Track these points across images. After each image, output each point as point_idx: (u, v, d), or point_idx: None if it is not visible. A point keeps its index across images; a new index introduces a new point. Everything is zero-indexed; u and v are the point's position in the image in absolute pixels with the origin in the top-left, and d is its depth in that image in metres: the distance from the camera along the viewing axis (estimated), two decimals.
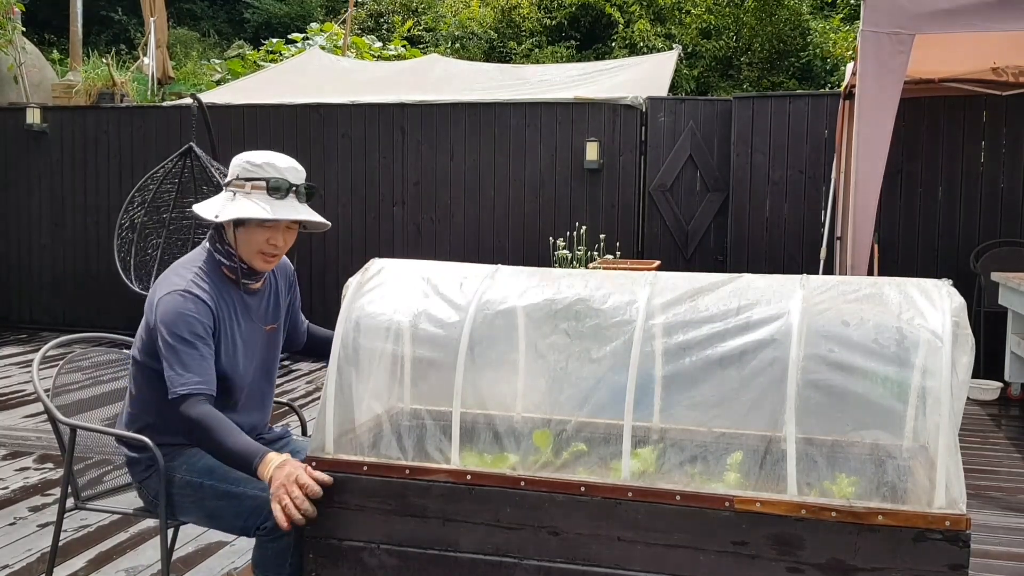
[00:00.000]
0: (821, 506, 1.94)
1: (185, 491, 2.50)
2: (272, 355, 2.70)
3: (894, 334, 2.05)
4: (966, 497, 1.88)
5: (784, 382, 2.03)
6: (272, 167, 2.49)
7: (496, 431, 2.28)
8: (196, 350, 2.39)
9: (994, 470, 4.86)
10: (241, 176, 2.50)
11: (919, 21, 4.50)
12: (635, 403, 2.16)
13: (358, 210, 8.29)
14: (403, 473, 2.18)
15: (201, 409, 2.33)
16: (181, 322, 2.40)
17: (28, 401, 6.12)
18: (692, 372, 2.17)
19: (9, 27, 9.85)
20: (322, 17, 16.84)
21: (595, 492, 2.06)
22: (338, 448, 2.21)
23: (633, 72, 9.31)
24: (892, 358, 2.03)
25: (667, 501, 2.02)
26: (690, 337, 2.19)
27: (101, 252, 8.62)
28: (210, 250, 2.57)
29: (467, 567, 2.06)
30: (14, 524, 3.91)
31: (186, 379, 2.35)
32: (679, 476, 2.42)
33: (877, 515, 1.90)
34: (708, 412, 2.16)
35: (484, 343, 2.28)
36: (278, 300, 2.72)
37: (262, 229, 2.49)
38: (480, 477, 2.13)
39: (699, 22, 13.63)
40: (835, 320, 2.11)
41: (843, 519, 1.92)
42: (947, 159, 7.13)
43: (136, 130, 8.71)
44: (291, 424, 2.94)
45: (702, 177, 7.64)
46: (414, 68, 10.29)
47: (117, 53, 12.26)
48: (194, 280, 2.49)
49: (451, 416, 2.23)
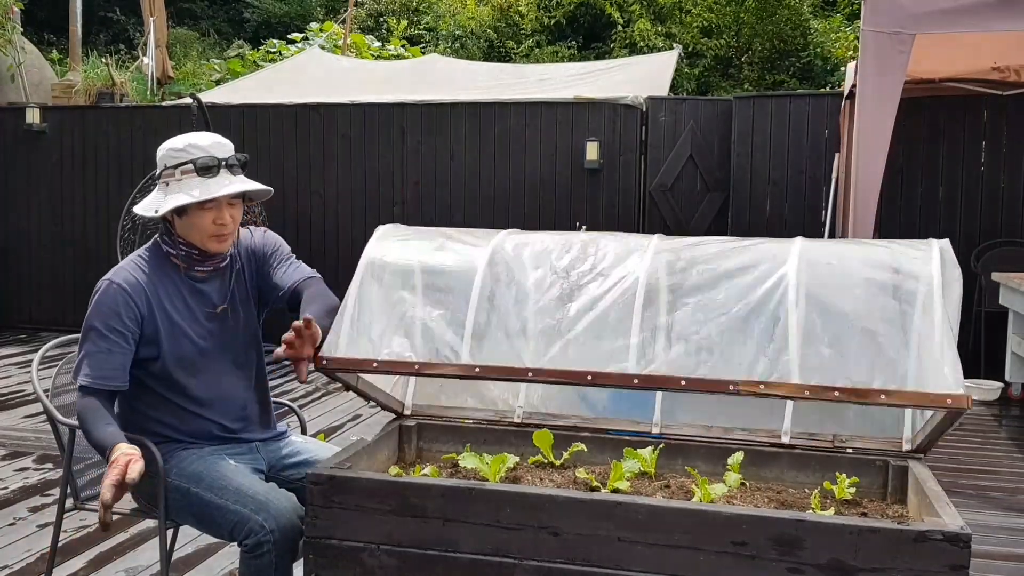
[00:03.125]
0: (824, 387, 1.98)
1: (174, 495, 2.49)
2: (235, 340, 2.59)
3: (886, 256, 2.18)
4: (963, 382, 1.94)
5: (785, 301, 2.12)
6: (195, 147, 2.44)
7: (507, 331, 2.29)
8: (105, 342, 2.40)
9: (995, 470, 4.86)
10: (168, 165, 2.45)
11: (919, 21, 4.50)
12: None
13: (358, 210, 8.29)
14: (413, 368, 2.21)
15: (83, 401, 2.39)
16: (97, 312, 2.43)
17: (27, 401, 6.11)
18: (698, 284, 2.23)
19: (8, 27, 9.84)
20: (322, 17, 16.83)
21: (602, 380, 2.10)
22: (350, 348, 2.22)
23: (633, 72, 9.31)
24: (886, 268, 2.15)
25: (672, 387, 2.07)
26: (696, 255, 2.30)
27: (101, 252, 8.62)
28: (157, 240, 2.56)
29: (467, 567, 2.06)
30: (14, 524, 3.91)
31: (82, 370, 2.41)
32: (679, 476, 2.42)
33: (880, 394, 1.94)
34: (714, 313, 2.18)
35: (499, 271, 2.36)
36: (238, 281, 2.62)
37: (204, 211, 2.44)
38: (489, 370, 2.18)
39: (699, 21, 13.62)
40: (831, 255, 2.25)
41: (846, 398, 1.97)
42: (947, 159, 7.13)
43: (136, 130, 8.71)
44: (291, 424, 2.93)
45: (702, 177, 7.64)
46: (414, 68, 10.29)
47: (117, 53, 12.26)
48: (128, 268, 2.48)
49: (462, 323, 2.26)
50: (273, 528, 2.29)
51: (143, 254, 2.55)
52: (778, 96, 7.88)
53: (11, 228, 9.01)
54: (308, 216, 8.39)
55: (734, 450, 2.40)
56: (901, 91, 4.64)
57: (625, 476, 2.27)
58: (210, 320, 2.56)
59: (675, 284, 2.24)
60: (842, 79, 10.93)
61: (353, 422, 5.76)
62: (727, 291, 2.19)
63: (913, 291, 2.09)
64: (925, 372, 1.98)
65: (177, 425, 2.53)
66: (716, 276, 2.22)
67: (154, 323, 2.46)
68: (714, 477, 2.35)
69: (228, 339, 2.59)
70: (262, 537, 2.29)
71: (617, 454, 2.46)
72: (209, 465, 2.47)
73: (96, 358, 2.40)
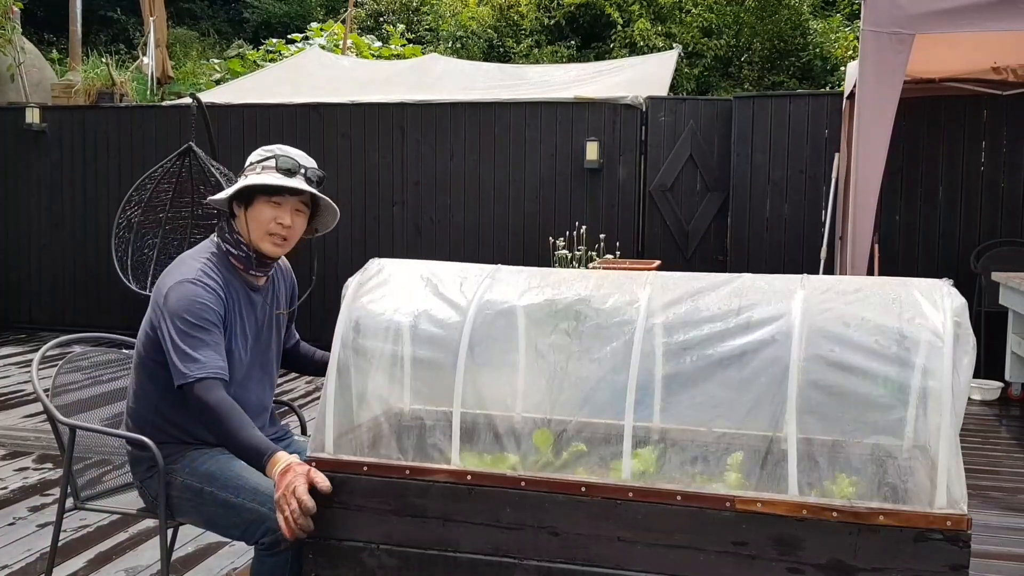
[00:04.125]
0: (822, 506, 1.94)
1: (185, 494, 2.49)
2: (267, 351, 2.67)
3: (895, 335, 2.04)
4: (967, 497, 1.88)
5: (784, 382, 2.03)
6: (282, 150, 2.54)
7: (496, 431, 2.28)
8: (209, 336, 2.38)
9: (995, 470, 4.86)
10: (252, 161, 2.54)
11: (919, 21, 4.50)
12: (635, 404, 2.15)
13: (358, 210, 8.29)
14: (403, 473, 2.17)
15: (217, 395, 2.31)
16: (194, 309, 2.39)
17: (27, 401, 6.11)
18: (693, 372, 2.17)
19: (8, 27, 9.84)
20: (322, 17, 16.83)
21: (595, 492, 2.05)
22: (338, 449, 2.21)
23: (633, 72, 9.31)
24: (893, 358, 2.03)
25: (668, 501, 2.02)
26: (691, 337, 2.19)
27: (100, 252, 8.61)
28: (218, 241, 2.58)
29: (467, 567, 2.06)
30: (13, 524, 3.91)
31: (201, 363, 2.33)
32: (679, 476, 2.42)
33: (878, 515, 1.90)
34: (709, 412, 2.16)
35: (484, 343, 2.28)
36: (279, 299, 2.72)
37: (270, 207, 2.50)
38: (480, 477, 2.13)
39: (699, 21, 13.62)
40: (836, 321, 2.11)
41: (844, 519, 1.92)
42: (947, 159, 7.13)
43: (135, 130, 8.71)
44: (291, 424, 2.93)
45: (702, 177, 7.64)
46: (414, 68, 10.29)
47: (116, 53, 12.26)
48: (203, 269, 2.48)
49: (451, 416, 2.22)
50: None
51: (207, 255, 2.54)
52: (778, 96, 7.87)
53: (11, 228, 9.01)
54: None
55: (734, 450, 2.39)
56: (901, 91, 4.64)
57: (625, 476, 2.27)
58: (255, 332, 2.60)
59: (670, 374, 2.19)
60: (842, 79, 10.93)
61: None
62: (724, 384, 2.13)
63: (923, 389, 1.99)
64: (925, 487, 1.94)
65: (199, 431, 2.53)
66: (711, 365, 2.15)
67: (226, 327, 2.48)
68: (714, 477, 2.35)
69: (262, 350, 2.64)
70: (280, 535, 2.29)
71: (617, 454, 2.46)
72: (222, 465, 2.48)
73: (213, 350, 2.37)
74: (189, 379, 2.32)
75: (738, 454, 2.37)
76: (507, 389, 2.37)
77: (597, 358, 2.25)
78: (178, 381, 2.34)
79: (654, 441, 2.49)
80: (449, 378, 2.23)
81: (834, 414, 2.08)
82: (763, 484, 2.40)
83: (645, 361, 2.16)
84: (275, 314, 2.68)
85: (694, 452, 2.48)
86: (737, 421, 2.14)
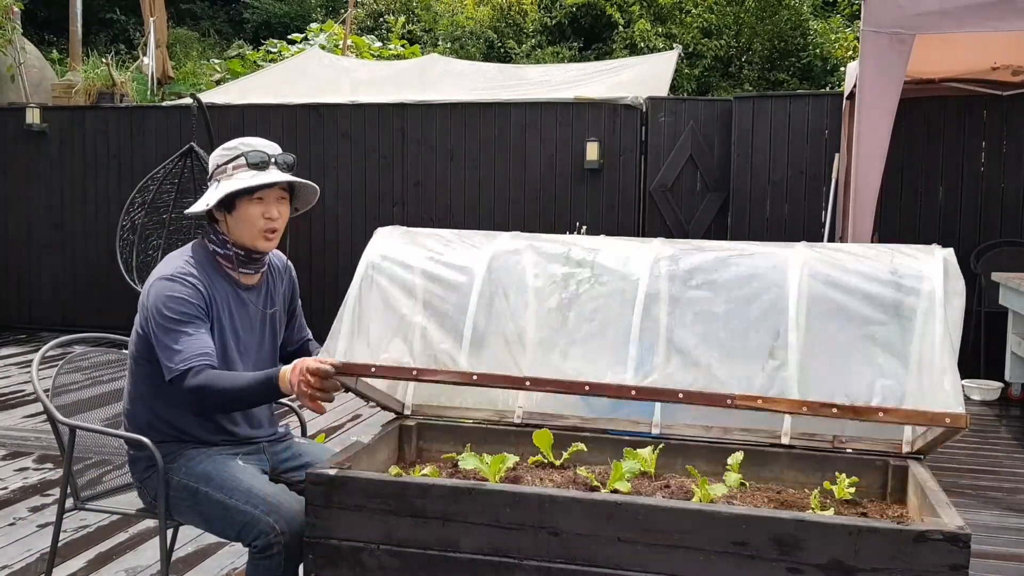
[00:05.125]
0: (822, 403, 1.99)
1: (182, 494, 2.49)
2: (261, 350, 2.65)
3: (888, 265, 2.19)
4: (964, 404, 1.94)
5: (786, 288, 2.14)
6: (245, 144, 2.51)
7: (506, 339, 2.29)
8: (190, 327, 2.38)
9: (995, 470, 4.86)
10: (219, 164, 2.51)
11: (919, 21, 4.50)
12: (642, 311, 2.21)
13: (358, 210, 8.29)
14: (411, 374, 2.21)
15: (202, 376, 2.31)
16: (172, 303, 2.40)
17: (27, 401, 6.11)
18: (696, 294, 2.24)
19: (8, 27, 9.84)
20: (322, 17, 16.82)
21: (599, 390, 2.11)
22: (348, 353, 2.23)
23: (633, 72, 9.31)
24: (887, 282, 2.16)
25: (670, 399, 2.09)
26: (695, 265, 2.29)
27: (100, 252, 8.62)
28: (203, 242, 2.57)
29: (467, 567, 2.06)
30: (13, 524, 3.91)
31: (183, 355, 2.34)
32: (679, 476, 2.42)
33: (877, 412, 1.95)
34: (713, 324, 2.17)
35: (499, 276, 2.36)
36: (274, 298, 2.69)
37: (254, 204, 2.49)
38: (486, 378, 2.18)
39: (699, 22, 13.63)
40: (834, 259, 2.25)
41: (844, 415, 1.97)
42: (947, 159, 7.13)
43: (136, 130, 8.71)
44: (291, 424, 2.93)
45: (702, 177, 7.64)
46: (414, 68, 10.28)
47: (117, 53, 12.25)
48: (183, 266, 2.48)
49: (460, 329, 2.25)
50: (284, 530, 2.31)
51: (188, 254, 2.54)
52: (778, 96, 7.88)
53: (11, 228, 9.01)
54: (308, 216, 8.37)
55: (734, 450, 2.40)
56: (901, 91, 4.64)
57: (625, 476, 2.27)
58: (248, 331, 2.59)
59: (675, 294, 2.24)
60: (842, 79, 10.93)
61: (353, 422, 5.76)
62: (727, 304, 2.19)
63: (914, 307, 2.08)
64: (924, 390, 1.98)
65: (194, 428, 2.53)
66: (716, 287, 2.22)
67: (211, 324, 2.48)
68: (714, 477, 2.35)
69: (256, 349, 2.63)
70: (273, 538, 2.30)
71: (617, 454, 2.46)
72: (219, 465, 2.48)
73: (193, 341, 2.36)
74: (175, 372, 2.33)
75: (738, 454, 2.38)
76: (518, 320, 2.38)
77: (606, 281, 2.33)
78: (167, 376, 2.36)
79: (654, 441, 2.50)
80: (464, 301, 2.30)
81: (831, 329, 2.15)
82: (761, 480, 2.40)
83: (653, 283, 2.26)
84: (270, 312, 2.67)
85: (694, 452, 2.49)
86: (740, 334, 2.16)
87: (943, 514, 1.94)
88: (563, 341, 2.24)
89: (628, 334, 2.19)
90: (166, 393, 2.46)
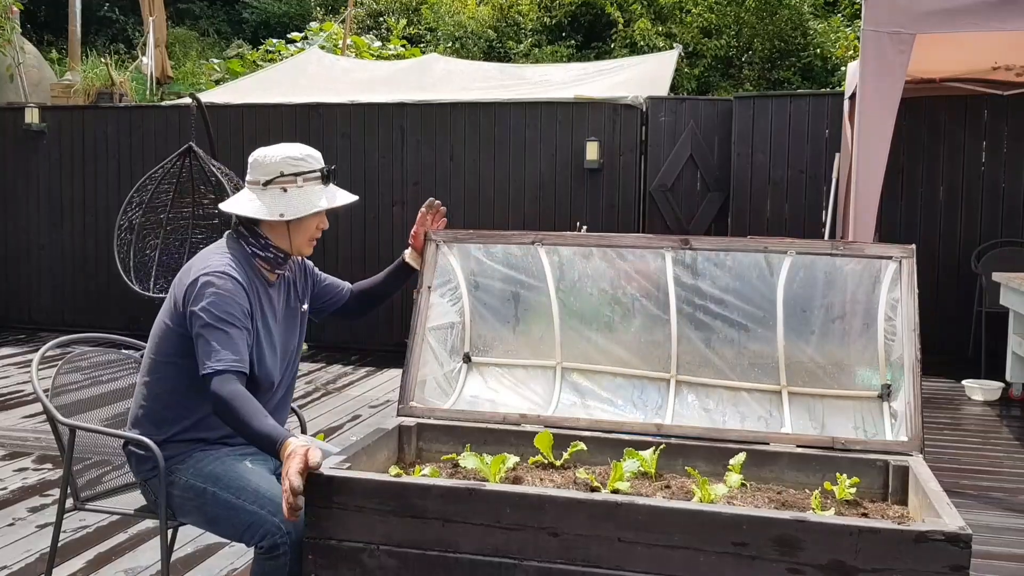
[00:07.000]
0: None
1: (188, 494, 2.49)
2: (292, 348, 2.70)
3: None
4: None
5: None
6: (312, 159, 2.59)
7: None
8: (234, 329, 2.39)
9: (995, 471, 4.85)
10: (286, 172, 2.54)
11: (919, 21, 4.49)
12: None
13: (358, 210, 8.28)
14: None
15: (232, 388, 2.31)
16: (220, 302, 2.41)
17: (27, 401, 6.11)
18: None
19: (8, 27, 9.84)
20: (321, 16, 16.81)
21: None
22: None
23: (633, 72, 9.31)
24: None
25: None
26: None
27: (100, 252, 8.62)
28: (240, 243, 2.59)
29: (467, 568, 2.05)
30: (13, 525, 3.91)
31: (220, 356, 2.34)
32: (680, 477, 2.42)
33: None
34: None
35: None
36: (299, 293, 2.76)
37: (315, 217, 2.60)
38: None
39: (700, 21, 13.61)
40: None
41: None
42: (948, 159, 7.13)
43: (135, 130, 8.71)
44: (291, 424, 2.93)
45: (702, 177, 7.64)
46: (414, 68, 10.28)
47: (116, 53, 12.27)
48: (230, 264, 2.50)
49: None
50: (290, 531, 2.31)
51: (230, 253, 2.56)
52: (778, 96, 7.87)
53: (11, 228, 9.00)
54: None
55: (734, 451, 2.39)
56: (901, 91, 4.64)
57: (625, 476, 2.27)
58: (275, 323, 2.62)
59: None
60: (842, 79, 10.93)
61: (353, 422, 5.76)
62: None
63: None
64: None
65: (209, 429, 2.53)
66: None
67: (252, 324, 2.49)
68: (714, 478, 2.35)
69: (285, 341, 2.66)
70: (279, 539, 2.31)
71: (617, 454, 2.46)
72: (227, 466, 2.48)
73: (233, 344, 2.37)
74: (208, 370, 2.33)
75: (739, 455, 2.37)
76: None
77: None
78: (201, 371, 2.36)
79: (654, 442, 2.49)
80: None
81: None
82: (761, 480, 2.40)
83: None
84: (300, 311, 2.75)
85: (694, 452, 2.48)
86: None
87: (944, 514, 1.94)
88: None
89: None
90: (184, 394, 2.48)
